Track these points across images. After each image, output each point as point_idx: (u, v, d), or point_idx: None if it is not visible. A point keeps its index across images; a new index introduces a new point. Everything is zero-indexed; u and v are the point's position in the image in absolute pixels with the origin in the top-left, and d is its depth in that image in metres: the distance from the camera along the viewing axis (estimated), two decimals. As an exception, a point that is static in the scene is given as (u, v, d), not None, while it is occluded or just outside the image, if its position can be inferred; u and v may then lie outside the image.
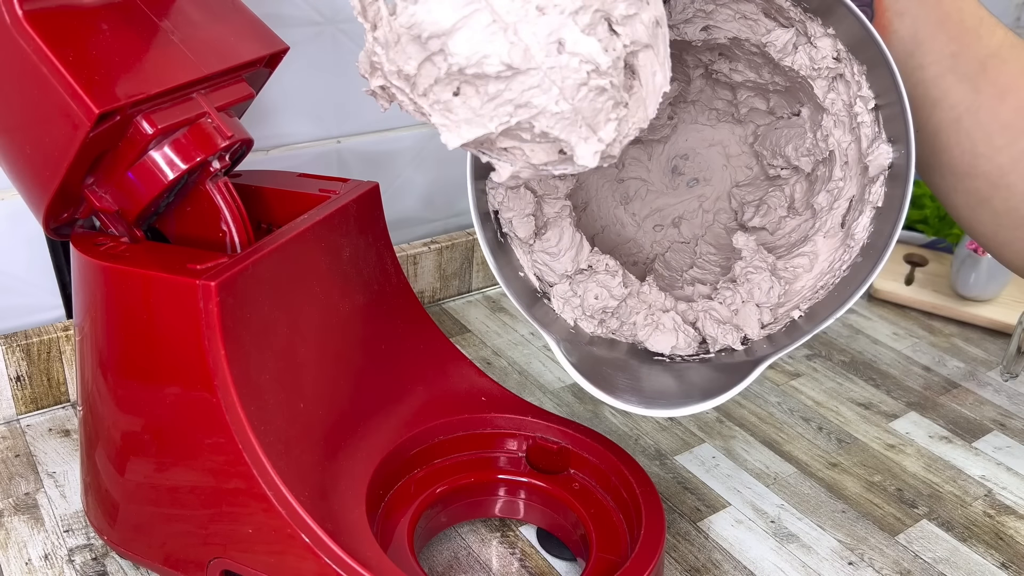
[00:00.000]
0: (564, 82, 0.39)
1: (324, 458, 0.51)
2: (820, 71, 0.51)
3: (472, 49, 0.38)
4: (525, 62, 0.38)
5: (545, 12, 0.38)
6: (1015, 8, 1.32)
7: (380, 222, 0.59)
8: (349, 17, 0.73)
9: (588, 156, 0.41)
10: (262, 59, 0.53)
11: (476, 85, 0.39)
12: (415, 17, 0.38)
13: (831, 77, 0.52)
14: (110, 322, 0.49)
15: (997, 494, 0.65)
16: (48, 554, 0.56)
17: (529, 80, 0.39)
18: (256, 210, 0.58)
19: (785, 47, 0.52)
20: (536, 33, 0.38)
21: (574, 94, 0.39)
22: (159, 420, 0.49)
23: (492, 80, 0.39)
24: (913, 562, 0.59)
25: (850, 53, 0.50)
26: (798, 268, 0.54)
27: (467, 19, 0.37)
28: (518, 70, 0.38)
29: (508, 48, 0.38)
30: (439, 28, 0.37)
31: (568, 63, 0.38)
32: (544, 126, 0.40)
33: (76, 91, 0.42)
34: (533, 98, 0.39)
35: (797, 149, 0.57)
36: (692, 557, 0.58)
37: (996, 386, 0.78)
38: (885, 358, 0.81)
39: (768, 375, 0.78)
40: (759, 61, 0.56)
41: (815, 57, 0.51)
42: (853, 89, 0.51)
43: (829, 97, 0.52)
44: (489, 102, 0.39)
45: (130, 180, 0.48)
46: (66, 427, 0.67)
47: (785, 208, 0.59)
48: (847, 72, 0.51)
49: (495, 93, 0.39)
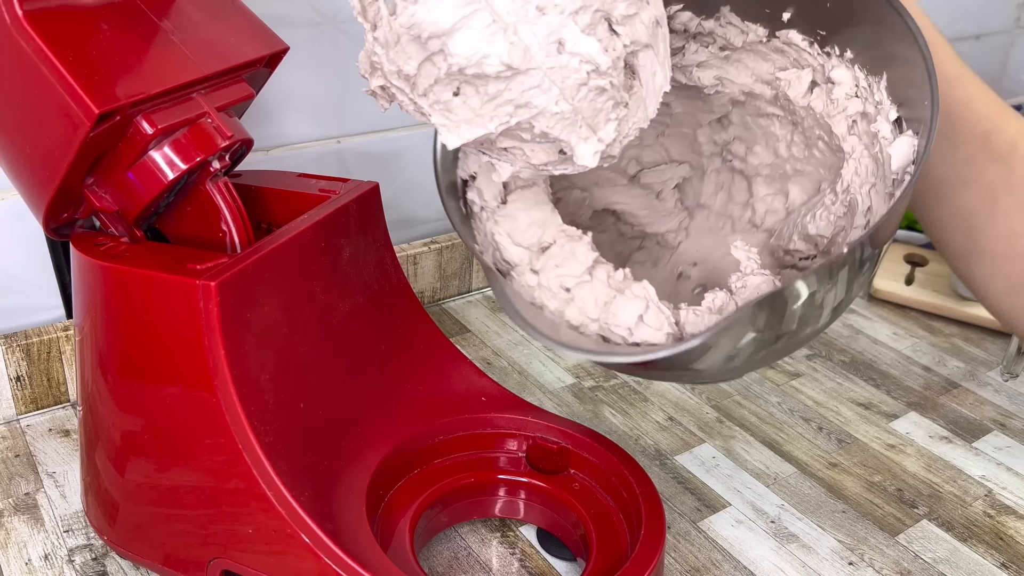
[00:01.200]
0: (564, 82, 0.39)
1: (324, 458, 0.51)
2: (839, 110, 0.50)
3: (472, 49, 0.38)
4: (525, 62, 0.38)
5: (545, 12, 0.38)
6: (1015, 8, 1.32)
7: (380, 222, 0.59)
8: (349, 17, 0.73)
9: (588, 156, 0.41)
10: (262, 59, 0.53)
11: (476, 85, 0.39)
12: (415, 17, 0.38)
13: (852, 119, 0.50)
14: (110, 322, 0.49)
15: (997, 494, 0.65)
16: (48, 554, 0.56)
17: (529, 80, 0.38)
18: (256, 210, 0.58)
19: (802, 88, 0.51)
20: (536, 33, 0.38)
21: (574, 94, 0.39)
22: (159, 420, 0.49)
23: (492, 80, 0.39)
24: (913, 562, 0.59)
25: (868, 71, 0.49)
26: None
27: (467, 19, 0.37)
28: (518, 70, 0.38)
29: (508, 48, 0.38)
30: (439, 28, 0.37)
31: (568, 63, 0.38)
32: (544, 126, 0.40)
33: (76, 91, 0.42)
34: (533, 98, 0.39)
35: (818, 220, 0.53)
36: (692, 557, 0.58)
37: (996, 386, 0.78)
38: (885, 358, 0.81)
39: (768, 375, 0.78)
40: (776, 123, 0.55)
41: (835, 96, 0.50)
42: (872, 112, 0.49)
43: (850, 141, 0.50)
44: (489, 102, 0.39)
45: (130, 180, 0.48)
46: (66, 427, 0.67)
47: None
48: (868, 102, 0.49)
49: (495, 93, 0.39)
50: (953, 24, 1.24)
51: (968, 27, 1.26)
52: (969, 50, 1.30)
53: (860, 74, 0.49)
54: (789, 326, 0.42)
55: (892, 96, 0.48)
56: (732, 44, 0.53)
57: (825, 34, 0.50)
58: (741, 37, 0.53)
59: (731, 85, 0.54)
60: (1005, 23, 1.32)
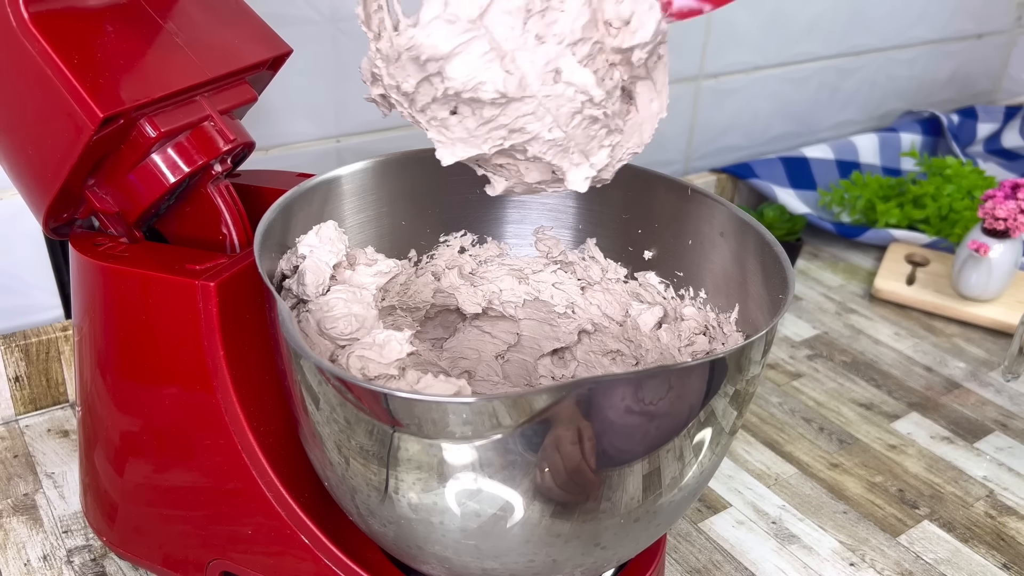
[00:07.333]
0: (558, 110, 0.39)
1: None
2: (685, 344, 0.52)
3: (469, 75, 0.38)
4: (520, 91, 0.38)
5: (544, 41, 0.38)
6: (1016, 8, 1.32)
7: (380, 222, 0.59)
8: (349, 17, 0.73)
9: (579, 182, 0.41)
10: (266, 62, 0.53)
11: (472, 107, 0.39)
12: (414, 40, 0.38)
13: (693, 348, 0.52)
14: (109, 322, 0.49)
15: (999, 495, 0.65)
16: (47, 555, 0.55)
17: (524, 107, 0.39)
18: (256, 210, 0.57)
19: (650, 324, 0.54)
20: (534, 61, 0.38)
21: (568, 122, 0.39)
22: (158, 421, 0.49)
23: (487, 105, 0.39)
24: (914, 563, 0.59)
25: (719, 309, 0.51)
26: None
27: (465, 45, 0.38)
28: (513, 98, 0.38)
29: (504, 77, 0.38)
30: (437, 52, 0.38)
31: (563, 92, 0.39)
32: (537, 151, 0.40)
33: (80, 94, 0.42)
34: (527, 124, 0.39)
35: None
36: (693, 558, 0.58)
37: (998, 386, 0.78)
38: (886, 358, 0.81)
39: (769, 375, 0.78)
40: (619, 361, 0.56)
41: (681, 332, 0.52)
42: (719, 339, 0.51)
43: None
44: (484, 125, 0.40)
45: (132, 182, 0.48)
46: (65, 428, 0.67)
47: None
48: (715, 341, 0.51)
49: (490, 117, 0.39)
50: (953, 24, 1.24)
51: (969, 27, 1.26)
52: (969, 49, 1.30)
53: (711, 313, 0.51)
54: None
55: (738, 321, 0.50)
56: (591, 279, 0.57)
57: (682, 275, 0.53)
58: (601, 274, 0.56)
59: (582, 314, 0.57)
60: (1005, 23, 1.32)
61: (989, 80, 1.37)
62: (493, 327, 0.59)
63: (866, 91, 1.19)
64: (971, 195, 1.00)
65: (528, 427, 0.35)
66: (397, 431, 0.37)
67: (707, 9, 0.39)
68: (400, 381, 0.45)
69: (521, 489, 0.37)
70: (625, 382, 0.36)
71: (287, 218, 0.47)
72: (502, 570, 0.41)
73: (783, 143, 1.13)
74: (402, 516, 0.40)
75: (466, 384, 0.42)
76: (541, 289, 0.57)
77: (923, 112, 1.22)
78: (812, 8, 1.05)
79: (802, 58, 1.08)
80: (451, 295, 0.57)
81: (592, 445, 0.37)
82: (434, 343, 0.59)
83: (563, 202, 0.56)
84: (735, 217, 0.49)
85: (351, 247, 0.50)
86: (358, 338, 0.46)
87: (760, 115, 1.08)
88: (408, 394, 0.36)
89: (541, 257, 0.57)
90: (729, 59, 1.01)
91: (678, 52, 0.94)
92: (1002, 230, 0.84)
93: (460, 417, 0.35)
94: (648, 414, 0.37)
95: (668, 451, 0.39)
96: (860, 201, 1.02)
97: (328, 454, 0.41)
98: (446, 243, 0.56)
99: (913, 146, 1.16)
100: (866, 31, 1.13)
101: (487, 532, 0.39)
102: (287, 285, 0.47)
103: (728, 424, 0.41)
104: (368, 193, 0.53)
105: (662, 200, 0.53)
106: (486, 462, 0.37)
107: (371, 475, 0.39)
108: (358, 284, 0.49)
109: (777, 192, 1.02)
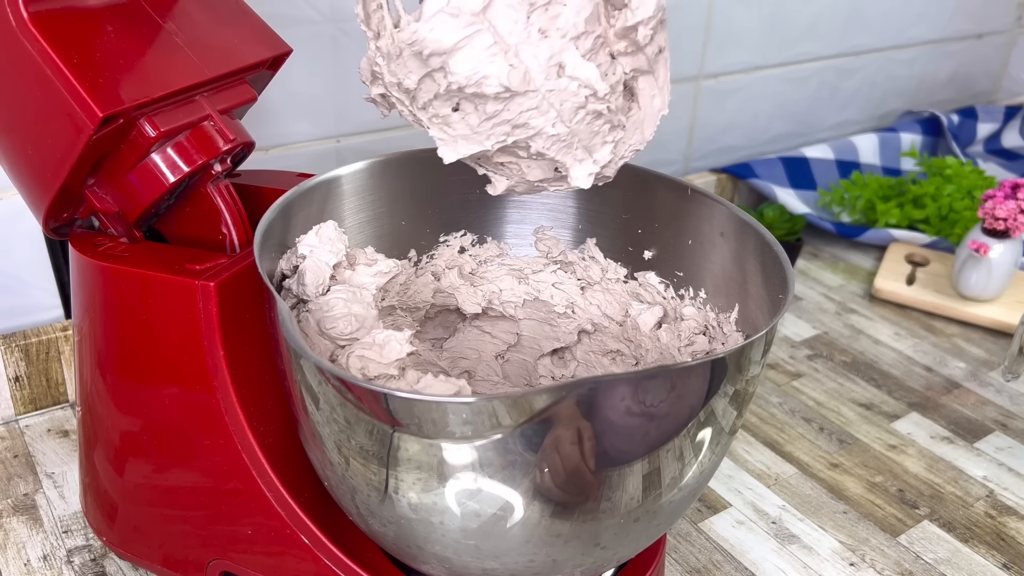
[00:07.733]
0: (562, 105, 0.39)
1: (324, 459, 0.51)
2: (684, 344, 0.52)
3: (472, 69, 0.38)
4: (524, 85, 0.38)
5: (547, 35, 0.38)
6: (1016, 8, 1.32)
7: (380, 222, 0.59)
8: (349, 17, 0.73)
9: (582, 178, 0.41)
10: (265, 61, 0.53)
11: (475, 103, 0.39)
12: (417, 34, 0.38)
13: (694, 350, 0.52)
14: (109, 322, 0.49)
15: (999, 495, 0.65)
16: (47, 555, 0.55)
17: (528, 102, 0.39)
18: (256, 210, 0.57)
19: (650, 324, 0.54)
20: (537, 55, 0.38)
21: (571, 117, 0.39)
22: (158, 421, 0.49)
23: (491, 100, 0.39)
24: (915, 563, 0.59)
25: (718, 309, 0.51)
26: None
27: (469, 39, 0.38)
28: (516, 92, 0.38)
29: (508, 71, 0.38)
30: (440, 47, 0.38)
31: (567, 87, 0.38)
32: (540, 147, 0.40)
33: (80, 94, 0.42)
34: (531, 119, 0.39)
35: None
36: (693, 558, 0.58)
37: (998, 386, 0.78)
38: (886, 358, 0.81)
39: (769, 375, 0.78)
40: (619, 362, 0.56)
41: (681, 332, 0.52)
42: (719, 339, 0.51)
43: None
44: (487, 120, 0.39)
45: (131, 182, 0.48)
46: (65, 428, 0.67)
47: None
48: (714, 340, 0.51)
49: (493, 112, 0.39)
50: (953, 24, 1.24)
51: (969, 26, 1.26)
52: (969, 49, 1.30)
53: (711, 313, 0.51)
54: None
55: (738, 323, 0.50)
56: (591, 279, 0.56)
57: (682, 275, 0.53)
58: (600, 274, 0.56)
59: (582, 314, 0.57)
60: (1006, 23, 1.32)
61: (989, 80, 1.37)
62: (493, 327, 0.59)
63: (866, 91, 1.19)
64: (971, 195, 1.00)
65: (528, 427, 0.35)
66: (397, 431, 0.37)
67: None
68: (400, 381, 0.45)
69: (521, 489, 0.37)
70: (625, 382, 0.36)
71: (287, 218, 0.47)
72: (502, 570, 0.41)
73: (783, 143, 1.13)
74: (402, 516, 0.40)
75: (466, 384, 0.42)
76: (541, 289, 0.57)
77: (923, 112, 1.22)
78: (812, 8, 1.05)
79: (802, 58, 1.08)
80: (451, 295, 0.57)
81: (592, 445, 0.37)
82: (434, 343, 0.59)
83: (563, 202, 0.56)
84: (735, 217, 0.49)
85: (351, 247, 0.50)
86: (358, 338, 0.46)
87: (760, 115, 1.08)
88: (408, 394, 0.36)
89: (541, 257, 0.57)
90: (729, 59, 1.01)
91: (678, 52, 0.94)
92: (1002, 230, 0.84)
93: (460, 417, 0.35)
94: (648, 414, 0.37)
95: (668, 451, 0.39)
96: (860, 201, 1.02)
97: (328, 454, 0.41)
98: (446, 243, 0.56)
99: (913, 146, 1.16)
100: (866, 31, 1.13)
101: (487, 532, 0.39)
102: (287, 285, 0.47)
103: (728, 424, 0.41)
104: (368, 193, 0.53)
105: (662, 200, 0.53)
106: (486, 462, 0.37)
107: (371, 475, 0.39)
108: (358, 284, 0.49)
109: (777, 192, 1.02)
